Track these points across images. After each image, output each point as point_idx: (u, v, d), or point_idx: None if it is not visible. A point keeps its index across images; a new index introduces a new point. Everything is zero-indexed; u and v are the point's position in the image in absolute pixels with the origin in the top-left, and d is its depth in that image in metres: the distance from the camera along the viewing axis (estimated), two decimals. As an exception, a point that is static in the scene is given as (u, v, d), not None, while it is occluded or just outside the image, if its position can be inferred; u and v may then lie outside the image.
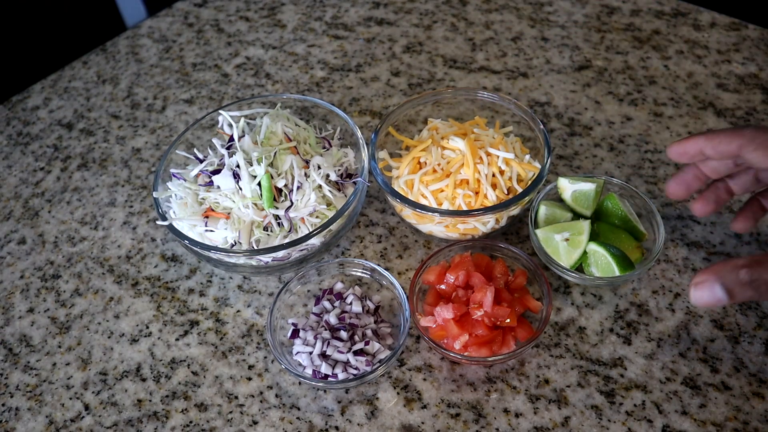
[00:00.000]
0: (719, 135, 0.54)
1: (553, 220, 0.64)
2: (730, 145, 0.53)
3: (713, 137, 0.55)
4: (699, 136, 0.56)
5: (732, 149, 0.53)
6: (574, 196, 0.65)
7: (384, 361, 0.58)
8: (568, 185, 0.65)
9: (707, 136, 0.55)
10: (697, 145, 0.56)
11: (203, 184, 0.67)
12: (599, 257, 0.60)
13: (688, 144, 0.57)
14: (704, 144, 0.55)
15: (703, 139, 0.55)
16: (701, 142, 0.55)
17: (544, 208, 0.65)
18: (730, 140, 0.53)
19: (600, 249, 0.60)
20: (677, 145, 0.58)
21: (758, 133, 0.52)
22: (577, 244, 0.61)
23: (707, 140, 0.55)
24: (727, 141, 0.53)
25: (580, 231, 0.61)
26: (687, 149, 0.57)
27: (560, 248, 0.61)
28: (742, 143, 0.53)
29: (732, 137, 0.53)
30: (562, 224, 0.63)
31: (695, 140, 0.56)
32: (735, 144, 0.53)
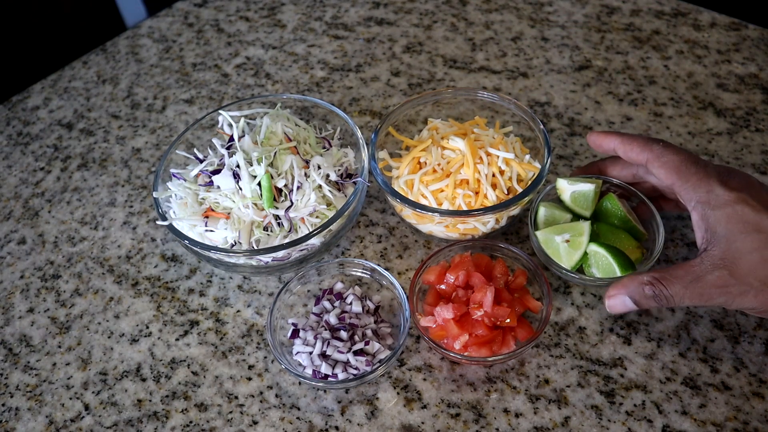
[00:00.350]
0: (633, 142, 0.58)
1: (553, 222, 0.64)
2: (639, 155, 0.57)
3: (628, 142, 0.58)
4: (617, 136, 0.59)
5: (640, 159, 0.57)
6: (573, 197, 0.64)
7: (384, 361, 0.58)
8: (567, 186, 0.64)
9: (623, 139, 0.59)
10: (612, 143, 0.60)
11: (203, 184, 0.67)
12: (600, 258, 0.60)
13: (606, 140, 0.60)
14: (618, 145, 0.59)
15: (618, 141, 0.59)
16: (616, 141, 0.59)
17: (544, 210, 0.65)
18: (640, 150, 0.57)
19: (601, 250, 0.60)
20: (597, 135, 0.61)
21: (666, 151, 0.56)
22: (577, 246, 0.61)
23: (622, 143, 0.59)
24: (638, 150, 0.57)
25: (581, 232, 0.61)
26: (602, 143, 0.61)
27: (561, 250, 0.61)
28: (650, 157, 0.56)
29: (643, 149, 0.57)
30: (562, 225, 0.63)
31: (612, 138, 0.60)
32: (643, 156, 0.57)
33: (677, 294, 0.52)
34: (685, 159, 0.55)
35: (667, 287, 0.52)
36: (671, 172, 0.55)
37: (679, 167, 0.55)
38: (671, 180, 0.55)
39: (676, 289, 0.52)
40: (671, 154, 0.55)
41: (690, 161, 0.55)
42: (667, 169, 0.55)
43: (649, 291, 0.53)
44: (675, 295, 0.52)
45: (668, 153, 0.55)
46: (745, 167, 0.74)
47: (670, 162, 0.55)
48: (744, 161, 0.74)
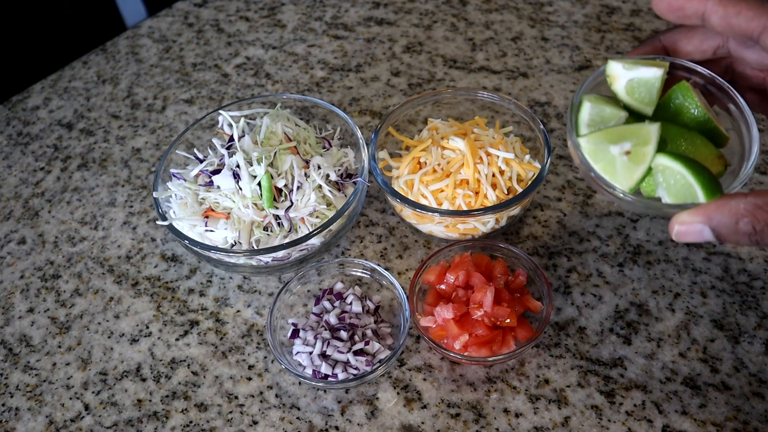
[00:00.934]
0: (740, 3, 0.40)
1: (601, 122, 0.48)
2: (751, 21, 0.40)
3: (731, 3, 0.41)
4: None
5: (750, 27, 0.40)
6: (630, 87, 0.48)
7: (384, 361, 0.58)
8: (623, 71, 0.48)
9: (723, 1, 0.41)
10: (703, 4, 0.42)
11: (203, 184, 0.67)
12: (673, 175, 0.43)
13: (692, 1, 0.42)
14: (714, 7, 0.41)
15: (714, 2, 0.41)
16: (710, 3, 0.41)
17: (589, 106, 0.48)
18: (754, 14, 0.40)
19: (675, 164, 0.43)
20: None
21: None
22: (640, 158, 0.44)
23: (721, 3, 0.41)
24: (750, 15, 0.40)
25: (646, 139, 0.44)
26: (686, 5, 0.43)
27: (617, 164, 0.44)
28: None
29: (759, 12, 0.40)
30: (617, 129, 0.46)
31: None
32: (758, 22, 0.40)
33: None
34: None
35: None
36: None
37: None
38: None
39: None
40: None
41: None
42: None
43: (746, 225, 0.38)
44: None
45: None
46: (745, 167, 0.74)
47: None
48: (744, 161, 0.74)
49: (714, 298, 0.63)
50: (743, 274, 0.64)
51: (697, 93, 0.47)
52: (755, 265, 0.65)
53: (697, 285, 0.64)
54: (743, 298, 0.62)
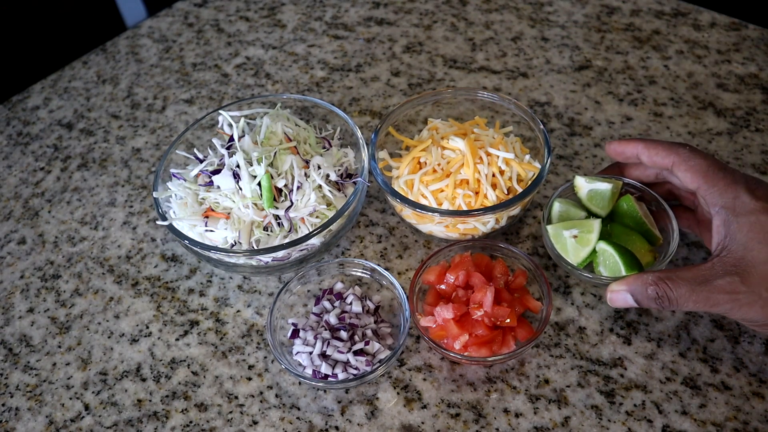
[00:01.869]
0: (658, 146, 0.57)
1: (567, 218, 0.64)
2: (665, 158, 0.57)
3: (652, 146, 0.58)
4: (639, 141, 0.59)
5: (665, 163, 0.57)
6: (590, 195, 0.64)
7: (384, 361, 0.58)
8: (585, 184, 0.64)
9: (647, 144, 0.58)
10: (636, 149, 0.59)
11: (203, 184, 0.67)
12: (608, 257, 0.60)
13: (628, 146, 0.60)
14: (642, 150, 0.58)
15: (642, 145, 0.58)
16: (640, 147, 0.59)
17: (559, 205, 0.65)
18: (666, 154, 0.57)
19: (609, 248, 0.59)
20: (617, 143, 0.61)
21: (693, 155, 0.55)
22: (585, 242, 0.60)
23: (646, 147, 0.58)
24: (663, 153, 0.57)
25: (590, 229, 0.61)
26: (625, 150, 0.60)
27: (569, 245, 0.61)
28: (676, 160, 0.56)
29: (669, 152, 0.56)
30: (573, 222, 0.63)
31: (635, 144, 0.59)
32: (669, 159, 0.56)
33: (682, 296, 0.51)
34: (713, 163, 0.54)
35: (673, 289, 0.52)
36: (697, 176, 0.54)
37: (707, 171, 0.54)
38: (697, 183, 0.55)
39: (681, 292, 0.51)
40: (698, 158, 0.55)
41: (717, 166, 0.54)
42: (694, 172, 0.55)
43: (652, 291, 0.53)
44: (680, 297, 0.51)
45: (695, 157, 0.55)
46: (745, 167, 0.74)
47: (697, 166, 0.55)
48: (744, 161, 0.74)
49: (714, 298, 0.63)
50: (743, 274, 0.64)
51: (639, 204, 0.64)
52: (755, 265, 0.65)
53: (697, 285, 0.64)
54: (743, 298, 0.62)
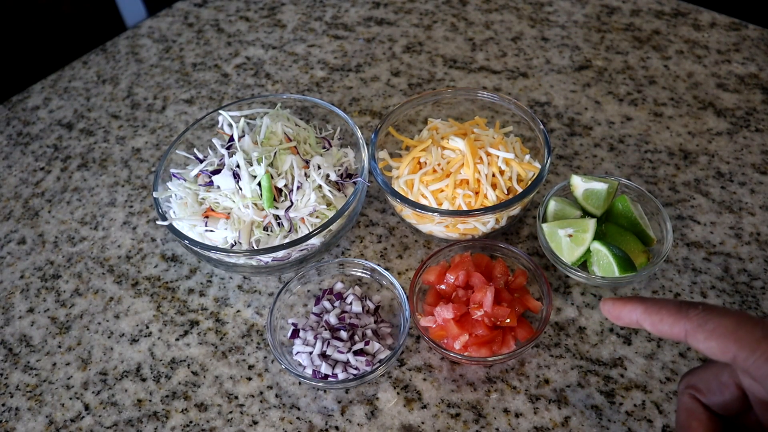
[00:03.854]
0: (662, 311, 0.42)
1: (562, 216, 0.65)
2: (674, 328, 0.42)
3: (655, 312, 0.43)
4: (638, 304, 0.44)
5: (676, 333, 0.42)
6: (586, 195, 0.64)
7: (384, 361, 0.58)
8: (581, 183, 0.65)
9: (647, 309, 0.43)
10: (633, 314, 0.44)
11: (203, 184, 0.67)
12: (602, 257, 0.60)
13: (624, 310, 0.45)
14: (643, 317, 0.43)
15: (641, 310, 0.43)
16: (639, 312, 0.44)
17: (554, 204, 0.65)
18: (674, 322, 0.42)
19: (603, 248, 0.60)
20: (612, 305, 0.45)
21: (708, 316, 0.40)
22: (580, 242, 0.61)
23: (647, 313, 0.43)
24: (671, 322, 0.42)
25: (585, 229, 0.61)
26: (621, 315, 0.45)
27: (563, 244, 0.62)
28: (690, 328, 0.41)
29: (677, 318, 0.41)
30: (568, 221, 0.63)
31: (633, 308, 0.44)
32: (680, 328, 0.41)
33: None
34: (740, 319, 0.39)
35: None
36: (727, 342, 0.38)
37: (736, 332, 0.38)
38: (730, 353, 0.38)
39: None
40: (718, 317, 0.39)
41: (748, 321, 0.38)
42: (720, 339, 0.39)
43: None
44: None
45: (713, 317, 0.39)
46: (745, 167, 0.74)
47: (720, 328, 0.39)
48: (744, 161, 0.74)
49: (714, 298, 0.63)
50: (743, 274, 0.64)
51: (634, 204, 0.64)
52: (755, 265, 0.65)
53: (697, 285, 0.64)
54: (743, 298, 0.62)
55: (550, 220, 0.65)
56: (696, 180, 0.73)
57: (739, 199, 0.71)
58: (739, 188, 0.72)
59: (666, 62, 0.88)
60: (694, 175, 0.73)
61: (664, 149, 0.77)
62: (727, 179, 0.73)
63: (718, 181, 0.73)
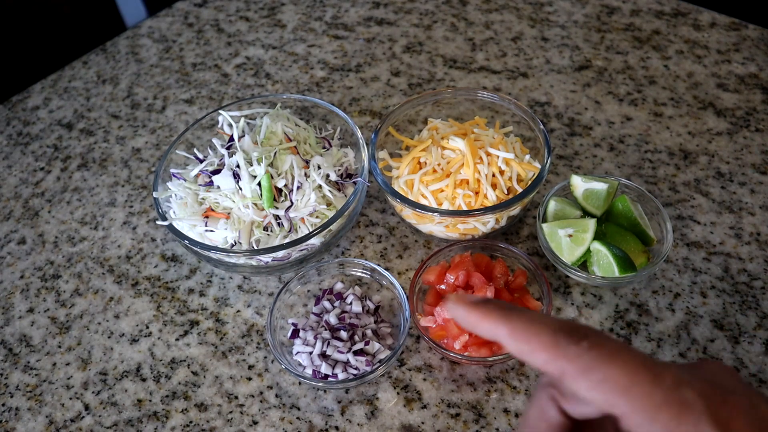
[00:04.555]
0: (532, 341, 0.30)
1: (562, 216, 0.65)
2: (547, 365, 0.30)
3: (523, 339, 0.30)
4: (502, 322, 0.31)
5: (550, 371, 0.30)
6: (585, 195, 0.65)
7: (384, 361, 0.58)
8: (581, 183, 0.65)
9: (513, 332, 0.31)
10: (495, 334, 0.32)
11: (203, 184, 0.67)
12: (602, 257, 0.60)
13: (483, 324, 0.32)
14: (508, 341, 0.31)
15: (506, 333, 0.31)
16: (502, 334, 0.32)
17: (554, 204, 0.65)
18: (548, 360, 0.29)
19: (603, 248, 0.60)
20: (466, 311, 0.33)
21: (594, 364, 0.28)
22: (580, 242, 0.61)
23: (512, 338, 0.31)
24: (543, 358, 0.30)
25: (585, 229, 0.61)
26: (479, 329, 0.33)
27: (563, 244, 0.62)
28: (569, 372, 0.29)
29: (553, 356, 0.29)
30: (568, 221, 0.63)
31: (494, 325, 0.32)
32: (556, 368, 0.29)
33: None
34: (635, 374, 0.28)
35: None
36: (618, 401, 0.28)
37: (630, 391, 0.28)
38: (619, 411, 0.28)
39: None
40: (605, 367, 0.28)
41: (644, 377, 0.28)
42: (608, 395, 0.28)
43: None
44: None
45: (600, 366, 0.28)
46: (745, 167, 0.74)
47: (608, 384, 0.28)
48: (744, 161, 0.74)
49: (714, 298, 0.63)
50: (743, 274, 0.64)
51: (634, 204, 0.64)
52: (755, 265, 0.65)
53: (697, 285, 0.64)
54: (743, 298, 0.62)
55: (550, 220, 0.65)
56: (696, 180, 0.73)
57: (739, 199, 0.71)
58: (739, 188, 0.72)
59: (666, 62, 0.88)
60: (694, 175, 0.73)
61: (664, 149, 0.77)
62: (727, 179, 0.73)
63: (718, 181, 0.73)
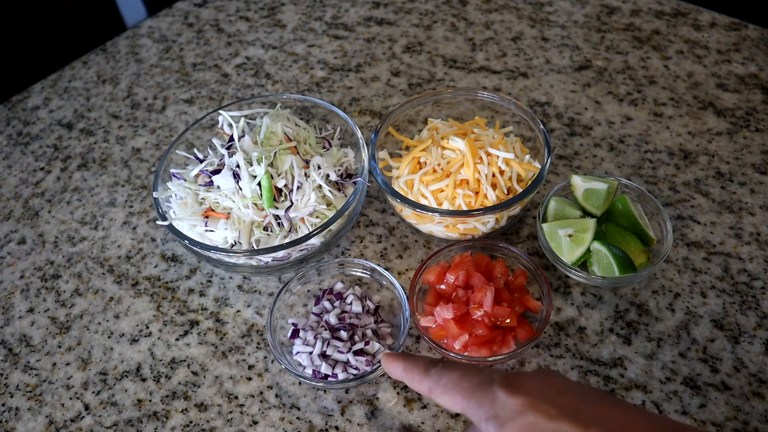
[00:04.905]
0: (413, 370, 0.44)
1: (562, 216, 0.65)
2: (420, 385, 0.43)
3: (408, 369, 0.44)
4: (401, 361, 0.45)
5: (423, 390, 0.43)
6: (586, 194, 0.65)
7: (384, 361, 0.58)
8: (581, 183, 0.65)
9: (405, 366, 0.45)
10: (397, 371, 0.45)
11: (203, 184, 0.67)
12: (602, 257, 0.60)
13: (392, 366, 0.46)
14: (402, 374, 0.45)
15: (402, 368, 0.45)
16: (400, 370, 0.45)
17: (554, 204, 0.65)
18: (420, 380, 0.43)
19: (603, 248, 0.60)
20: (386, 361, 0.47)
21: (444, 371, 0.42)
22: (580, 242, 0.61)
23: (404, 371, 0.45)
24: (418, 380, 0.43)
25: (585, 228, 0.61)
26: (391, 371, 0.46)
27: (563, 244, 0.62)
28: (431, 385, 0.42)
29: (422, 377, 0.43)
30: (568, 221, 0.63)
31: (397, 365, 0.46)
32: (425, 386, 0.43)
33: None
34: (465, 372, 0.41)
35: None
36: (454, 394, 0.40)
37: (460, 383, 0.40)
38: (459, 404, 0.40)
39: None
40: (449, 372, 0.41)
41: (471, 372, 0.41)
42: (450, 392, 0.40)
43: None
44: None
45: (446, 372, 0.41)
46: (745, 167, 0.74)
47: (450, 382, 0.41)
48: (744, 161, 0.74)
49: (714, 298, 0.63)
50: (743, 274, 0.64)
51: (634, 204, 0.64)
52: (755, 265, 0.65)
53: (697, 285, 0.64)
54: (743, 298, 0.62)
55: (550, 220, 0.65)
56: (696, 180, 0.73)
57: (739, 199, 0.71)
58: (739, 188, 0.72)
59: (666, 62, 0.88)
60: (694, 175, 0.73)
61: (664, 149, 0.77)
62: (727, 179, 0.73)
63: (718, 181, 0.73)
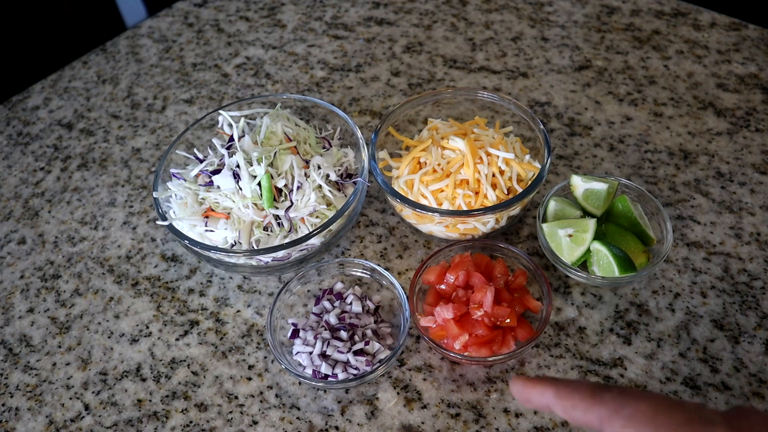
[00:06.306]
0: (574, 395, 0.39)
1: (562, 216, 0.65)
2: (586, 414, 0.38)
3: (567, 396, 0.39)
4: (549, 386, 0.40)
5: (589, 420, 0.38)
6: (585, 195, 0.65)
7: (384, 361, 0.58)
8: (581, 183, 0.65)
9: (558, 391, 0.40)
10: (543, 398, 0.41)
11: (203, 184, 0.67)
12: (602, 257, 0.60)
13: (534, 392, 0.41)
14: (555, 402, 0.40)
15: (552, 393, 0.40)
16: (549, 395, 0.40)
17: (554, 204, 0.65)
18: (587, 408, 0.38)
19: (603, 248, 0.60)
20: (522, 386, 0.42)
21: (624, 399, 0.37)
22: (580, 242, 0.61)
23: (557, 397, 0.40)
24: (583, 408, 0.38)
25: (585, 229, 0.61)
26: (532, 398, 0.42)
27: (563, 244, 0.62)
28: (604, 415, 0.37)
29: (590, 404, 0.38)
30: (568, 221, 0.63)
31: (543, 390, 0.41)
32: (593, 415, 0.38)
33: None
34: (656, 402, 0.36)
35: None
36: (646, 430, 0.35)
37: (655, 419, 0.35)
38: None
39: None
40: (634, 403, 0.36)
41: (665, 404, 0.36)
42: (638, 425, 0.36)
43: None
44: None
45: (629, 402, 0.37)
46: (745, 167, 0.74)
47: (637, 415, 0.36)
48: (744, 161, 0.74)
49: (714, 298, 0.63)
50: (743, 274, 0.64)
51: (634, 204, 0.64)
52: (755, 265, 0.65)
53: (697, 285, 0.64)
54: (743, 298, 0.62)
55: (550, 220, 0.65)
56: (696, 180, 0.73)
57: (739, 199, 0.71)
58: (739, 188, 0.72)
59: (666, 62, 0.88)
60: (694, 175, 0.73)
61: (664, 149, 0.77)
62: (727, 179, 0.73)
63: (718, 181, 0.73)
